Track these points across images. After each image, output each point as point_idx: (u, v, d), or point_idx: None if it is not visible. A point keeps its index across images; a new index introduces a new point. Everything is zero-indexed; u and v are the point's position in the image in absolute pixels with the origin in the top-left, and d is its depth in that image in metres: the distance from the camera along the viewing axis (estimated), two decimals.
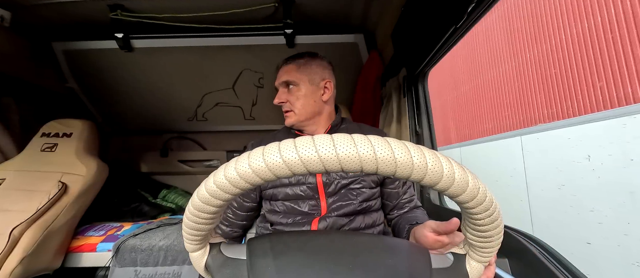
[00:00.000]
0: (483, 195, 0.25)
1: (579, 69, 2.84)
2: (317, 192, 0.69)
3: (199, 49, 1.26)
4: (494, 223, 0.28)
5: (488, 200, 0.25)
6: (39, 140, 1.16)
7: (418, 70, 0.98)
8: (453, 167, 0.24)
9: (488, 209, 0.26)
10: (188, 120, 1.66)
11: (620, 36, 2.46)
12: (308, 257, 0.32)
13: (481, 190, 0.25)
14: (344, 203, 0.67)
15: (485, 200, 0.25)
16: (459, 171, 0.24)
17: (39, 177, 1.05)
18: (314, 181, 0.69)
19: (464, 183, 0.24)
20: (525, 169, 2.63)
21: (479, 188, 0.25)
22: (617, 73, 2.47)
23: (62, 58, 1.28)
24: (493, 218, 0.27)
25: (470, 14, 0.64)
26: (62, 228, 0.99)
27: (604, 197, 1.88)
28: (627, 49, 2.40)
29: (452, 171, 0.24)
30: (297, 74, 0.72)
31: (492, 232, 0.28)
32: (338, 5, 1.09)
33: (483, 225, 0.28)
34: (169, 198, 1.62)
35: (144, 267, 1.00)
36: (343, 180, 0.68)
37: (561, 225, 2.19)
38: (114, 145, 1.73)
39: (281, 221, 0.69)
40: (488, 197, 0.25)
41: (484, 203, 0.25)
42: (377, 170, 0.23)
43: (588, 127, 2.03)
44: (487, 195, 0.25)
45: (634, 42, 2.35)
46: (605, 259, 1.84)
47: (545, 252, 0.51)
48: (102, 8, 1.04)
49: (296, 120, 0.72)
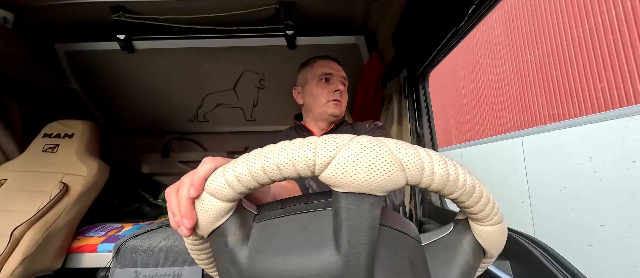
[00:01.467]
0: (480, 194, 0.25)
1: (580, 70, 2.84)
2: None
3: (200, 50, 1.26)
4: (495, 225, 0.27)
5: (485, 199, 0.25)
6: (41, 141, 1.17)
7: (419, 71, 0.98)
8: (448, 167, 0.23)
9: (485, 208, 0.25)
10: (189, 121, 1.66)
11: (621, 36, 2.46)
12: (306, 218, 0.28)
13: (478, 190, 0.24)
14: None
15: (483, 199, 0.25)
16: (456, 172, 0.24)
17: (41, 177, 1.05)
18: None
19: (462, 184, 0.24)
20: (526, 171, 2.62)
21: (477, 189, 0.24)
22: (618, 73, 2.47)
23: (64, 59, 1.29)
24: (496, 220, 0.27)
25: (471, 16, 0.64)
26: (63, 229, 1.00)
27: (606, 198, 1.87)
28: (627, 49, 2.40)
29: (447, 172, 0.23)
30: (337, 71, 0.80)
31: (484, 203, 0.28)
32: (339, 6, 1.09)
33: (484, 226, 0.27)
34: None
35: (144, 267, 1.00)
36: None
37: (562, 227, 2.18)
38: (115, 146, 1.73)
39: None
40: (485, 197, 0.25)
41: (481, 202, 0.25)
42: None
43: (589, 128, 2.02)
44: (484, 195, 0.25)
45: (634, 42, 2.34)
46: (607, 262, 1.83)
47: (547, 254, 0.50)
48: (105, 9, 1.05)
49: (341, 112, 0.79)
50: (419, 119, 1.05)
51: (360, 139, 0.23)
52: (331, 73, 0.77)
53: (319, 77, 0.77)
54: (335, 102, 0.75)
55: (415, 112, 1.06)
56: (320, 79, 0.77)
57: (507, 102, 3.83)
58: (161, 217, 1.44)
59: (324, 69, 0.77)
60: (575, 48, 2.86)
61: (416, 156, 0.22)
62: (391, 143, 0.23)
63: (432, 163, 0.23)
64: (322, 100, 0.76)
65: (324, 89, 0.76)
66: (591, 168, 1.95)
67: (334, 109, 0.75)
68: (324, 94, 0.76)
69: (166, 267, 1.00)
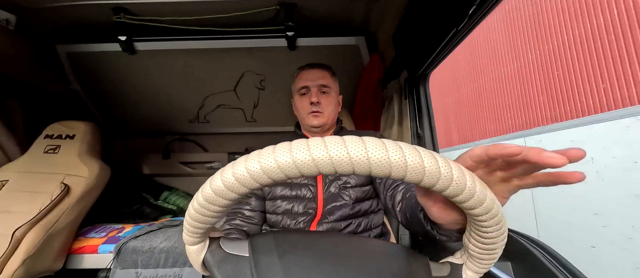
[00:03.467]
0: (483, 196, 0.24)
1: (582, 70, 2.83)
2: (315, 193, 0.70)
3: (201, 51, 1.27)
4: (497, 225, 0.27)
5: (490, 200, 0.25)
6: (42, 142, 1.17)
7: (419, 72, 0.98)
8: (451, 167, 0.23)
9: (491, 210, 0.25)
10: (190, 122, 1.67)
11: (623, 36, 2.45)
12: (315, 258, 0.31)
13: (479, 190, 0.24)
14: (338, 204, 0.68)
15: (487, 200, 0.25)
16: (458, 171, 0.23)
17: (42, 178, 1.06)
18: (314, 182, 0.70)
19: (462, 183, 0.23)
20: None
21: (478, 189, 0.24)
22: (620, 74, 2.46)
23: (65, 60, 1.29)
24: (497, 220, 0.26)
25: (471, 16, 0.64)
26: (64, 229, 1.00)
27: (608, 199, 1.86)
28: (630, 49, 2.39)
29: (451, 171, 0.23)
30: (331, 81, 0.80)
31: (496, 237, 0.28)
32: (339, 7, 1.09)
33: (486, 227, 0.27)
34: (171, 200, 1.62)
35: (144, 268, 1.00)
36: (337, 180, 0.71)
37: (564, 228, 2.16)
38: (117, 147, 1.74)
39: (278, 220, 0.70)
40: (489, 197, 0.25)
41: (486, 204, 0.25)
42: (371, 171, 0.23)
43: (591, 129, 2.01)
44: (488, 196, 0.25)
45: (637, 42, 2.33)
46: (610, 263, 1.82)
47: (549, 255, 0.50)
48: (106, 11, 1.05)
49: (324, 122, 0.78)
50: (419, 120, 1.04)
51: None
52: (307, 85, 0.78)
53: (298, 91, 0.79)
54: (314, 113, 0.77)
55: (415, 113, 1.06)
56: (299, 92, 0.79)
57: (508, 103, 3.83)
58: (162, 218, 1.44)
59: (301, 83, 0.79)
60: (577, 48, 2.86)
61: (417, 156, 0.23)
62: (389, 144, 0.23)
63: (437, 164, 0.23)
64: (303, 114, 0.78)
65: (303, 102, 0.78)
66: (593, 169, 1.95)
67: (313, 120, 0.77)
68: (304, 107, 0.78)
69: (167, 268, 1.00)
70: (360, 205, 0.71)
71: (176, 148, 1.77)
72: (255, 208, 0.74)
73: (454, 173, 0.23)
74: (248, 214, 0.74)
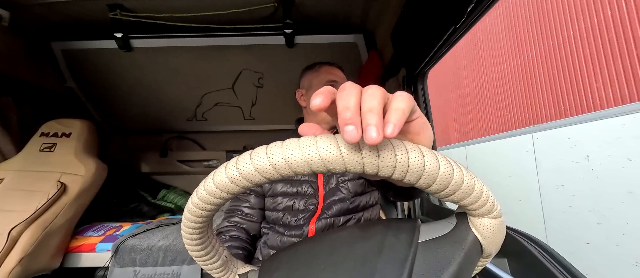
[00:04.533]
0: (480, 192, 0.24)
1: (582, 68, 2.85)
2: (316, 189, 0.71)
3: (198, 48, 1.26)
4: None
5: (478, 192, 0.24)
6: (38, 140, 1.16)
7: (418, 70, 0.98)
8: (453, 167, 0.23)
9: (479, 200, 0.25)
10: (187, 120, 1.66)
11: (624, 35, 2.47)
12: (291, 270, 0.31)
13: (477, 188, 0.24)
14: (337, 198, 0.69)
15: (475, 192, 0.24)
16: (458, 171, 0.23)
17: (38, 177, 1.05)
18: (315, 178, 0.71)
19: (459, 182, 0.23)
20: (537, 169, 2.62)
21: (476, 187, 0.24)
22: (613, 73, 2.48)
23: (61, 57, 1.28)
24: (495, 214, 0.26)
25: (469, 14, 0.64)
26: (61, 228, 0.99)
27: (603, 197, 1.88)
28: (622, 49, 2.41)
29: (452, 171, 0.23)
30: (341, 80, 0.81)
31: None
32: (338, 5, 1.09)
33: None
34: (168, 198, 1.61)
35: (143, 267, 1.00)
36: (336, 173, 0.71)
37: (560, 225, 2.19)
38: (114, 145, 1.73)
39: (279, 217, 0.71)
40: (477, 189, 0.24)
41: (473, 195, 0.24)
42: (364, 170, 0.22)
43: (586, 127, 2.03)
44: (476, 188, 0.24)
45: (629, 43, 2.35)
46: (604, 259, 1.85)
47: (545, 252, 0.51)
48: (102, 8, 1.04)
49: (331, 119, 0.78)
50: None
51: None
52: (337, 81, 0.80)
53: (325, 83, 0.79)
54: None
55: None
56: (325, 85, 0.78)
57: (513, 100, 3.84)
58: (160, 216, 1.44)
59: (329, 76, 0.80)
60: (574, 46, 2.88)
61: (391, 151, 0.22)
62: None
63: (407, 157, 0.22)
64: None
65: None
66: (588, 166, 1.97)
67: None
68: None
69: (165, 266, 1.00)
70: (360, 199, 0.71)
71: (174, 146, 1.76)
72: (254, 206, 0.75)
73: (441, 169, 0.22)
74: (247, 212, 0.74)
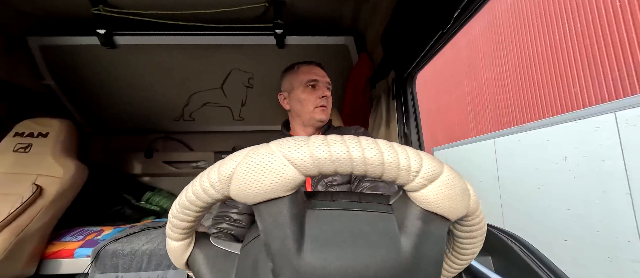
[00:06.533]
0: (378, 157, 0.24)
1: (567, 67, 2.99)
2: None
3: (186, 47, 1.23)
4: (477, 219, 0.27)
5: (390, 157, 0.23)
6: (12, 140, 1.09)
7: (406, 73, 1.00)
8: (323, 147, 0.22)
9: (398, 168, 0.23)
10: (174, 120, 1.61)
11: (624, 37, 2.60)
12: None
13: (371, 153, 0.23)
14: None
15: (387, 159, 0.23)
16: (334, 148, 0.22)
17: (12, 179, 0.99)
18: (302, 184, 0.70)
19: (347, 157, 0.22)
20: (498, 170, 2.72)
21: (367, 151, 0.23)
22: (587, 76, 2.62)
23: (38, 54, 1.21)
24: (425, 178, 0.24)
25: (456, 19, 0.66)
26: (36, 233, 0.94)
27: (579, 196, 1.98)
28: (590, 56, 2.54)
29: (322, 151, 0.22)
30: (321, 77, 0.81)
31: (476, 232, 0.28)
32: (328, 7, 1.10)
33: (469, 223, 0.28)
34: (154, 200, 1.56)
35: (126, 272, 0.96)
36: (324, 178, 0.71)
37: (540, 223, 2.29)
38: (95, 145, 1.66)
39: None
40: (388, 155, 0.23)
41: (387, 165, 0.24)
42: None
43: (563, 128, 2.13)
44: (386, 154, 0.23)
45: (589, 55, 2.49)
46: (581, 255, 1.94)
47: (527, 250, 0.53)
48: (83, 2, 1.00)
49: (327, 117, 0.81)
50: (406, 120, 1.07)
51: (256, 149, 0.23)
52: (317, 79, 0.79)
53: (306, 83, 0.78)
54: (322, 108, 0.77)
55: (403, 113, 1.08)
56: (306, 85, 0.78)
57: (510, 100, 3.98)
58: (144, 220, 1.39)
59: (309, 76, 0.79)
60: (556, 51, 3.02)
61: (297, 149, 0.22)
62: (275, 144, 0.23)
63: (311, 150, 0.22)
64: (309, 107, 0.77)
65: (311, 95, 0.78)
66: (566, 167, 2.07)
67: (321, 114, 0.77)
68: (311, 100, 0.77)
69: (149, 271, 0.97)
70: None
71: (160, 147, 1.71)
72: (242, 211, 0.73)
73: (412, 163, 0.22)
74: (235, 218, 0.72)
